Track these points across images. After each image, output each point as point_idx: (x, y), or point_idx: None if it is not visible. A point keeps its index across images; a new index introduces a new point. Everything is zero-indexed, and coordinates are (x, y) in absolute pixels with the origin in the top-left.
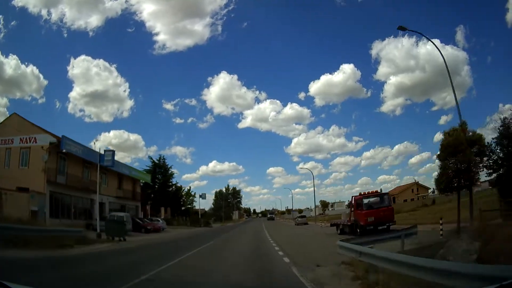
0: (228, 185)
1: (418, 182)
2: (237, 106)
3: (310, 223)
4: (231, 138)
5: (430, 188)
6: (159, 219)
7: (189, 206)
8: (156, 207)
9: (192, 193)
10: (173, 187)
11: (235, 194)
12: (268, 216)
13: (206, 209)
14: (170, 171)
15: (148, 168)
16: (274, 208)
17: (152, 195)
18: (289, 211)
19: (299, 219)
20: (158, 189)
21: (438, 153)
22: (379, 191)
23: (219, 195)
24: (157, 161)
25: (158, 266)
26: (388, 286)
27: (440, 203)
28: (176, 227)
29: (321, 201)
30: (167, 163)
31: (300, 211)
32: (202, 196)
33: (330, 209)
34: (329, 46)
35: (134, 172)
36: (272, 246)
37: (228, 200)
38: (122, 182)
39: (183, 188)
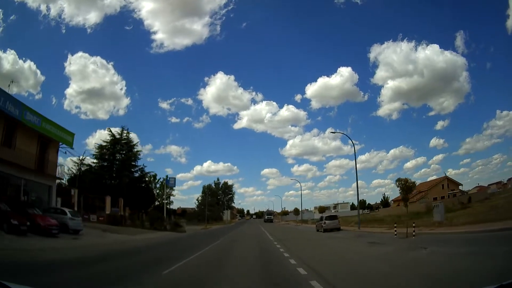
0: (218, 179)
1: (448, 176)
2: (233, 106)
3: (347, 229)
4: (226, 138)
5: (461, 184)
6: (68, 211)
7: (166, 201)
8: (103, 197)
9: (165, 181)
10: (139, 172)
11: (226, 190)
12: (266, 217)
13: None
14: (135, 150)
15: (106, 143)
16: (269, 209)
17: (110, 182)
18: (296, 211)
19: (327, 221)
20: (115, 173)
21: None
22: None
23: (207, 191)
24: (118, 135)
25: None
26: None
27: (478, 201)
28: (119, 229)
29: (400, 179)
30: (131, 138)
31: (322, 209)
32: (170, 183)
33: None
34: (327, 48)
35: (31, 116)
36: None
37: (218, 197)
38: (15, 135)
39: (156, 178)
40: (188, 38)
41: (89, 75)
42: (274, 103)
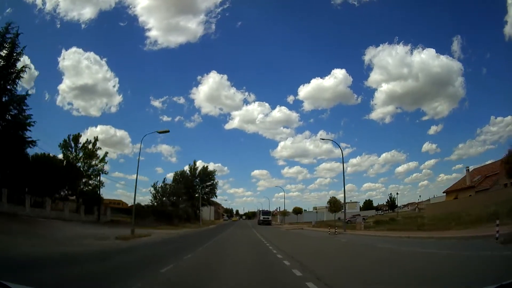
0: (194, 162)
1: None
2: (225, 106)
3: None
4: (217, 138)
5: None
6: None
7: (95, 182)
8: None
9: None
10: (16, 111)
11: (206, 177)
12: (262, 218)
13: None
14: (20, 64)
15: None
16: (262, 208)
17: None
18: (335, 204)
19: None
20: None
21: None
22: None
23: (180, 178)
24: None
25: None
26: None
27: None
28: None
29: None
30: (18, 42)
31: None
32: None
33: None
34: (322, 49)
35: None
36: None
37: (193, 188)
38: None
39: (79, 141)
40: (182, 36)
41: (82, 71)
42: (267, 104)
